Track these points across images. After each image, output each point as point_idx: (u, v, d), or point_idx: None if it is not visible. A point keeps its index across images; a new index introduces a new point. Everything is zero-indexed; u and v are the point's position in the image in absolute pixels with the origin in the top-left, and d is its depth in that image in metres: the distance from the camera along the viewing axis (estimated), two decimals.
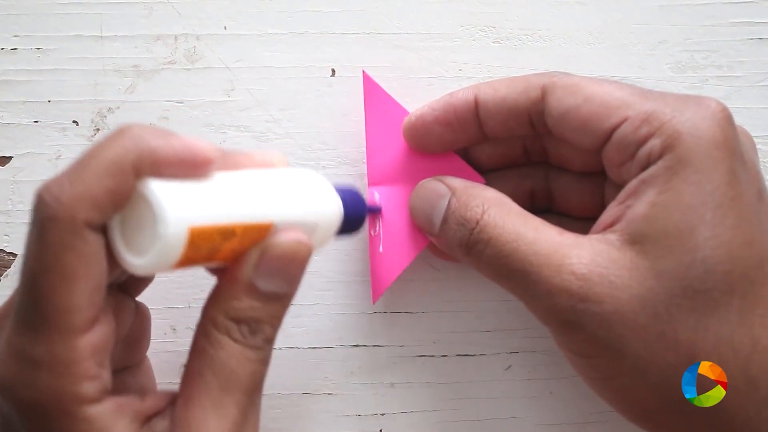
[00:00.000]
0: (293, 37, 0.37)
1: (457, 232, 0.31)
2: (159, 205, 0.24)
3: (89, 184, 0.24)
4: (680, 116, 0.28)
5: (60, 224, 0.24)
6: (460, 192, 0.31)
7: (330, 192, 0.29)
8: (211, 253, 0.26)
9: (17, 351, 0.25)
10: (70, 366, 0.24)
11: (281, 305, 0.28)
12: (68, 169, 0.25)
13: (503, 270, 0.30)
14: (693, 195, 0.27)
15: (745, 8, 0.37)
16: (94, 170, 0.24)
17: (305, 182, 0.29)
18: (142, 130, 0.25)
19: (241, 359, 0.27)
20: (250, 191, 0.27)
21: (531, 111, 0.31)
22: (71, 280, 0.24)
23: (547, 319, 0.29)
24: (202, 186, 0.25)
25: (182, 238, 0.24)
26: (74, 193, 0.24)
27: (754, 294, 0.27)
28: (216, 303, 0.27)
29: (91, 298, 0.25)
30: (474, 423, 0.36)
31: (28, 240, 0.25)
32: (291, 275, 0.27)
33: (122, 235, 0.25)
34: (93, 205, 0.24)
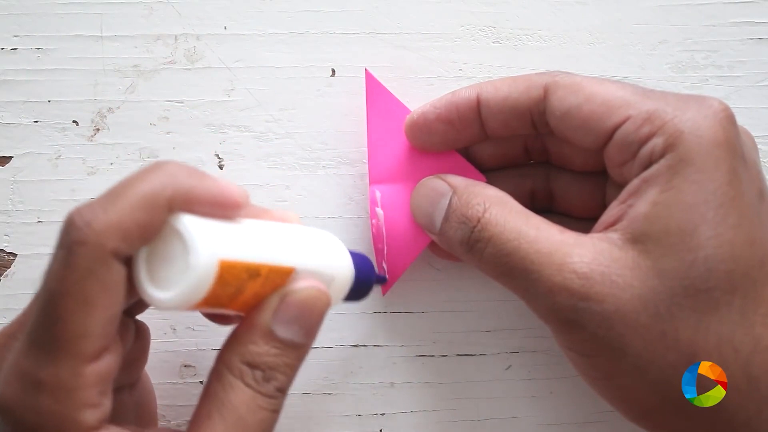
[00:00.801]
0: (293, 37, 0.37)
1: (458, 230, 0.31)
2: (191, 236, 0.24)
3: (122, 214, 0.24)
4: (682, 115, 0.28)
5: (88, 250, 0.24)
6: (462, 190, 0.32)
7: (344, 251, 0.30)
8: (235, 293, 0.26)
9: (23, 372, 0.25)
10: (74, 392, 0.24)
11: (297, 355, 0.28)
12: (102, 197, 0.25)
13: (504, 268, 0.30)
14: (695, 194, 0.27)
15: (745, 8, 0.37)
16: (129, 201, 0.24)
17: (322, 238, 0.29)
18: (179, 168, 0.25)
19: (251, 405, 0.26)
20: (274, 236, 0.27)
21: (533, 110, 0.31)
22: (90, 307, 0.24)
23: (548, 317, 0.29)
24: (231, 226, 0.26)
25: (212, 270, 0.24)
26: (106, 221, 0.24)
27: (755, 293, 0.27)
28: (232, 347, 0.27)
29: (105, 328, 0.25)
30: (474, 423, 0.36)
31: (51, 261, 0.25)
32: (309, 324, 0.28)
33: (147, 269, 0.25)
34: (123, 236, 0.24)
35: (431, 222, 0.32)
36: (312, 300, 0.27)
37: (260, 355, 0.27)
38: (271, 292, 0.27)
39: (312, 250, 0.28)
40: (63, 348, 0.24)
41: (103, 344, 0.25)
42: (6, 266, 0.36)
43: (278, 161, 0.36)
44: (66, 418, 0.24)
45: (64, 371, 0.24)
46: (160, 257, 0.25)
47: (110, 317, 0.25)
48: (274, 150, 0.36)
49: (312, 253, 0.28)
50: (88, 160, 0.36)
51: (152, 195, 0.24)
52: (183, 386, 0.35)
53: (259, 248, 0.26)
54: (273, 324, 0.27)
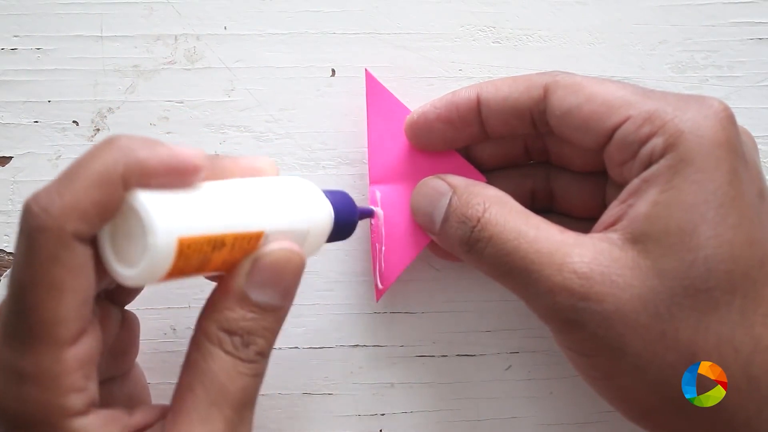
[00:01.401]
0: (293, 37, 0.37)
1: (458, 230, 0.31)
2: (148, 216, 0.24)
3: (78, 196, 0.24)
4: (682, 115, 0.28)
5: (48, 235, 0.24)
6: (461, 190, 0.32)
7: (320, 198, 0.29)
8: (201, 264, 0.26)
9: (3, 363, 0.25)
10: (57, 379, 0.24)
11: (275, 318, 0.27)
12: (56, 180, 0.24)
13: (504, 268, 0.30)
14: (695, 194, 0.27)
15: (745, 8, 0.37)
16: (83, 181, 0.24)
17: (295, 189, 0.29)
18: (129, 141, 0.25)
19: (232, 372, 0.26)
20: (239, 200, 0.27)
21: (533, 110, 0.31)
22: (59, 292, 0.24)
23: (548, 317, 0.29)
24: (191, 196, 0.25)
25: (172, 249, 0.24)
26: (62, 204, 0.24)
27: (755, 293, 0.27)
28: (208, 314, 0.27)
29: (79, 311, 0.25)
30: (474, 423, 0.36)
31: (16, 250, 0.25)
32: (284, 286, 0.27)
33: (112, 246, 0.25)
34: (81, 217, 0.24)
35: (431, 222, 0.32)
36: (284, 261, 0.27)
37: (237, 321, 0.26)
38: (242, 256, 0.27)
39: (282, 206, 0.28)
40: (39, 336, 0.24)
41: (78, 327, 0.25)
42: (6, 266, 0.35)
43: (278, 161, 0.36)
44: (52, 405, 0.24)
45: (44, 358, 0.24)
46: (123, 234, 0.25)
47: (82, 300, 0.25)
48: (274, 150, 0.36)
49: (282, 211, 0.28)
50: None
51: (106, 172, 0.24)
52: None
53: (222, 217, 0.26)
54: (247, 288, 0.27)
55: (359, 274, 0.36)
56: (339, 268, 0.36)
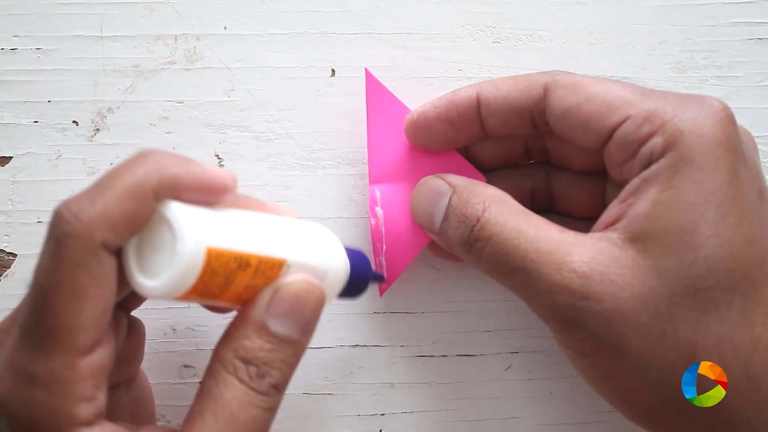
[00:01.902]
0: (293, 37, 0.37)
1: (458, 229, 0.31)
2: (178, 223, 0.24)
3: (109, 206, 0.24)
4: (682, 115, 0.28)
5: (77, 242, 0.24)
6: (461, 189, 0.32)
7: (339, 246, 0.30)
8: (225, 284, 0.26)
9: (16, 366, 0.25)
10: (68, 386, 0.24)
11: (292, 352, 0.27)
12: (89, 188, 0.25)
13: (504, 267, 0.30)
14: (695, 193, 0.27)
15: (745, 8, 0.37)
16: (116, 192, 0.24)
17: (316, 232, 0.29)
18: (163, 156, 0.25)
19: (244, 402, 0.26)
20: (265, 227, 0.27)
21: (533, 109, 0.31)
22: (81, 299, 0.24)
23: (548, 317, 0.29)
24: (220, 213, 0.26)
25: (200, 258, 0.24)
26: (94, 213, 0.24)
27: (755, 293, 0.27)
28: (226, 342, 0.27)
29: (98, 320, 0.25)
30: (474, 423, 0.36)
31: (41, 255, 0.25)
32: (304, 319, 0.27)
33: (137, 258, 0.25)
34: (111, 227, 0.24)
35: (431, 221, 0.32)
36: (305, 294, 0.27)
37: (254, 350, 0.26)
38: (264, 285, 0.27)
39: (305, 242, 0.28)
40: (56, 341, 0.24)
41: (95, 337, 0.25)
42: (6, 266, 0.35)
43: (278, 161, 0.36)
44: (60, 412, 0.24)
45: (58, 365, 0.24)
46: (149, 246, 0.25)
47: (102, 310, 0.25)
48: (274, 150, 0.36)
49: (305, 246, 0.28)
50: (88, 161, 0.36)
51: (138, 184, 0.24)
52: (183, 386, 0.35)
53: (249, 238, 0.26)
54: (266, 318, 0.27)
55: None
56: None
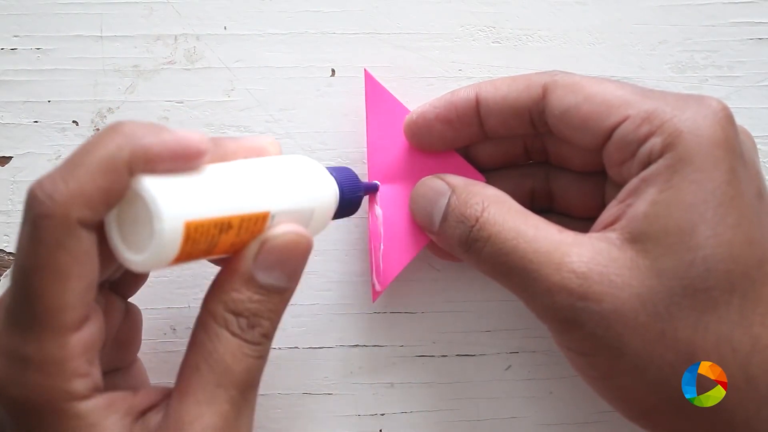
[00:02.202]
0: (293, 37, 0.37)
1: (457, 229, 0.31)
2: (153, 201, 0.24)
3: (83, 182, 0.24)
4: (681, 115, 0.28)
5: (53, 222, 0.24)
6: (460, 189, 0.32)
7: (325, 176, 0.29)
8: (209, 247, 0.26)
9: (7, 349, 0.25)
10: (61, 364, 0.25)
11: (281, 300, 0.28)
12: (61, 167, 0.25)
13: (503, 268, 0.30)
14: (694, 193, 0.27)
15: (745, 8, 0.37)
16: (88, 168, 0.24)
17: (299, 168, 0.29)
18: (134, 127, 0.25)
19: (237, 353, 0.27)
20: (244, 182, 0.27)
21: (532, 109, 0.31)
22: (63, 278, 0.24)
23: (547, 317, 0.29)
24: (196, 180, 0.26)
25: (179, 234, 0.24)
26: (68, 191, 0.24)
27: (754, 293, 0.27)
28: (215, 295, 0.27)
29: (83, 297, 0.25)
30: (474, 423, 0.36)
31: (20, 237, 0.25)
32: (291, 268, 0.28)
33: (120, 232, 0.25)
34: (86, 204, 0.24)
35: (430, 221, 0.32)
36: (292, 245, 0.27)
37: (243, 302, 0.27)
38: (249, 238, 0.27)
39: (287, 186, 0.28)
40: (43, 322, 0.24)
41: (82, 314, 0.25)
42: (6, 266, 0.35)
43: None
44: (56, 390, 0.25)
45: (48, 344, 0.24)
46: (130, 220, 0.25)
47: (86, 286, 0.25)
48: None
49: (287, 191, 0.28)
50: None
51: (110, 158, 0.24)
52: None
53: (228, 200, 0.26)
54: (254, 270, 0.27)
55: (359, 274, 0.36)
56: (339, 268, 0.36)
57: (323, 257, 0.36)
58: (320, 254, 0.36)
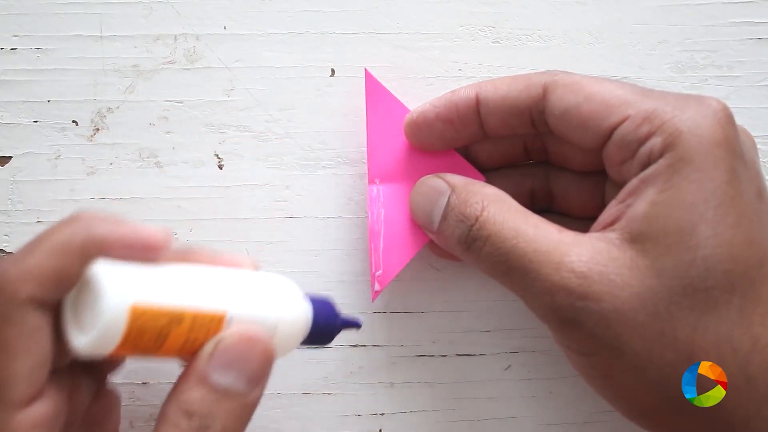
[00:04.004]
0: (293, 37, 0.37)
1: (456, 228, 0.31)
2: (99, 280, 0.24)
3: (35, 263, 0.25)
4: (681, 115, 0.28)
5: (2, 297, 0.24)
6: (460, 189, 0.32)
7: (297, 295, 0.28)
8: (159, 340, 0.25)
9: None
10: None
11: (239, 403, 0.26)
12: (20, 249, 0.25)
13: (502, 267, 0.30)
14: (694, 193, 0.27)
15: (745, 8, 0.37)
16: (41, 250, 0.25)
17: (269, 283, 0.28)
18: (92, 217, 0.26)
19: None
20: (203, 279, 0.26)
21: (532, 109, 0.31)
22: (10, 353, 0.24)
23: (546, 316, 0.29)
24: (151, 270, 0.26)
25: (123, 315, 0.24)
26: (19, 270, 0.25)
27: (754, 293, 0.27)
28: (171, 396, 0.26)
29: (32, 374, 0.25)
30: (474, 423, 0.36)
31: None
32: (249, 370, 0.26)
33: (74, 315, 0.25)
34: (37, 283, 0.24)
35: (429, 220, 0.32)
36: (247, 344, 0.26)
37: (196, 402, 0.26)
38: (204, 339, 0.26)
39: (250, 294, 0.27)
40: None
41: (31, 391, 0.25)
42: None
43: (278, 161, 0.36)
44: None
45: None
46: (83, 303, 0.25)
47: (36, 363, 0.25)
48: (274, 150, 0.36)
49: (249, 298, 0.27)
50: (87, 160, 0.36)
51: (65, 242, 0.25)
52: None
53: (181, 293, 0.25)
54: (208, 369, 0.26)
55: (359, 274, 0.36)
56: (338, 268, 0.36)
57: (323, 257, 0.36)
58: (320, 254, 0.36)
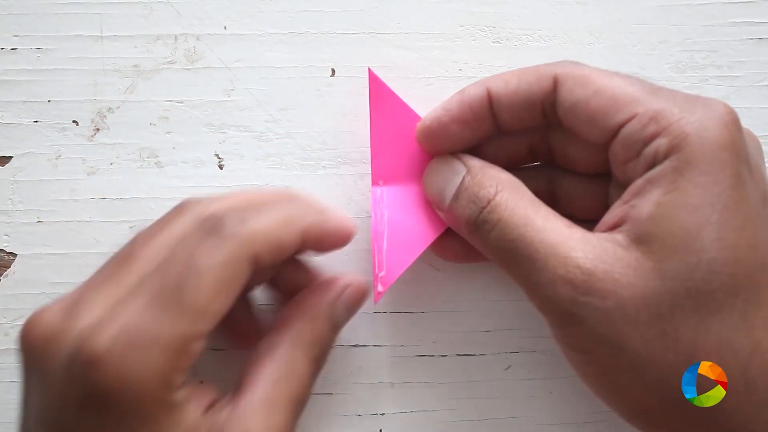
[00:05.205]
0: (293, 37, 0.37)
1: (467, 209, 0.31)
2: None
3: (264, 226, 0.29)
4: (689, 117, 0.28)
5: (236, 245, 0.28)
6: (476, 170, 0.31)
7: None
8: None
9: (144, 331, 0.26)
10: (185, 352, 0.26)
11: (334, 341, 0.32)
12: (251, 207, 0.29)
13: (508, 254, 0.29)
14: (699, 196, 0.27)
15: (745, 8, 0.37)
16: (270, 218, 0.29)
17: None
18: (305, 202, 0.31)
19: (309, 378, 0.30)
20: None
21: (543, 101, 0.31)
22: (218, 288, 0.27)
23: (548, 309, 0.29)
24: None
25: None
26: (251, 228, 0.28)
27: (757, 296, 0.27)
28: (303, 320, 0.31)
29: (221, 314, 0.27)
30: (474, 423, 0.36)
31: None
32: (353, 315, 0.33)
33: None
34: (265, 243, 0.28)
35: (441, 197, 0.32)
36: (362, 297, 0.33)
37: (323, 335, 0.31)
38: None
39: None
40: (188, 315, 0.26)
41: (213, 326, 0.27)
42: (6, 266, 0.36)
43: (278, 161, 0.36)
44: (162, 377, 0.26)
45: (186, 327, 0.27)
46: None
47: (231, 301, 0.27)
48: (274, 150, 0.36)
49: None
50: (87, 160, 0.36)
51: (288, 219, 0.29)
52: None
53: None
54: (336, 309, 0.32)
55: (360, 274, 0.36)
56: (339, 268, 0.36)
57: (324, 257, 0.36)
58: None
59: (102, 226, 0.36)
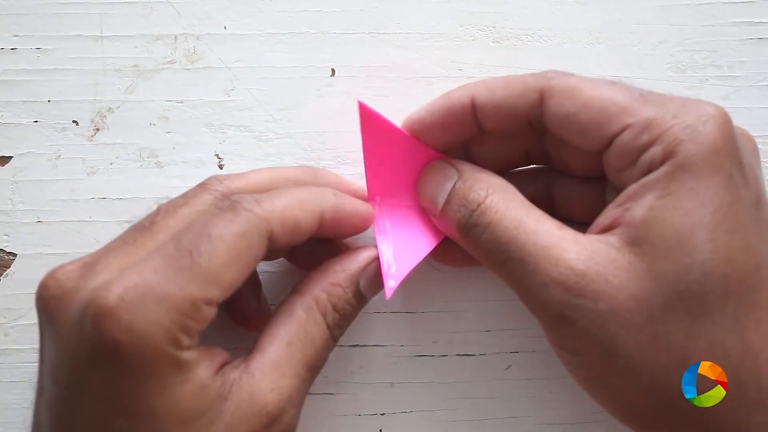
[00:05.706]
0: (293, 37, 0.37)
1: (458, 212, 0.31)
2: None
3: (281, 207, 0.29)
4: (681, 123, 0.28)
5: (252, 220, 0.28)
6: (467, 174, 0.32)
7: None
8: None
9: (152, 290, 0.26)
10: (194, 315, 0.26)
11: (356, 312, 0.32)
12: (271, 192, 0.30)
13: (500, 257, 0.29)
14: (692, 199, 0.27)
15: (745, 8, 0.37)
16: (289, 198, 0.30)
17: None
18: (325, 188, 0.32)
19: (324, 343, 0.30)
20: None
21: (529, 114, 0.31)
22: (232, 258, 0.27)
23: (540, 311, 0.29)
24: None
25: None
26: (267, 208, 0.29)
27: (749, 299, 0.27)
28: (322, 284, 0.31)
29: (235, 283, 0.28)
30: (474, 423, 0.36)
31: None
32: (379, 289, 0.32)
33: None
34: (280, 223, 0.29)
35: (433, 203, 0.32)
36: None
37: (343, 301, 0.31)
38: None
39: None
40: (204, 278, 0.27)
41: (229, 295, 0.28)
42: (6, 266, 0.36)
43: (278, 161, 0.36)
44: (170, 334, 0.26)
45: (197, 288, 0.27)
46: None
47: (243, 274, 0.28)
48: (274, 150, 0.36)
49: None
50: (87, 160, 0.36)
51: (307, 202, 0.29)
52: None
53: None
54: (361, 277, 0.31)
55: None
56: None
57: None
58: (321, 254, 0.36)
59: (102, 226, 0.36)
